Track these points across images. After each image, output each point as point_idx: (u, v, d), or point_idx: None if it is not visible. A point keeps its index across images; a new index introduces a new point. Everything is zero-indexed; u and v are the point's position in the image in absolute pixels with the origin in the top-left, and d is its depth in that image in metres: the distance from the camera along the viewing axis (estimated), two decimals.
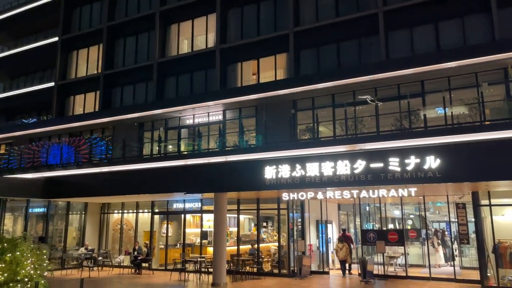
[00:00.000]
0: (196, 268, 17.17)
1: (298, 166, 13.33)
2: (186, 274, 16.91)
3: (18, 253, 9.79)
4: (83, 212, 21.71)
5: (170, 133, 22.23)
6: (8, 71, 32.63)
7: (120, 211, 21.83)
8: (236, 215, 18.93)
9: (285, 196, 15.18)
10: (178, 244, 21.06)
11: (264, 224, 21.39)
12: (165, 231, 20.57)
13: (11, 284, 9.35)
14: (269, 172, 13.88)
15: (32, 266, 10.12)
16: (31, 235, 16.96)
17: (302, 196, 14.59)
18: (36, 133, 25.88)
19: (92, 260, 19.16)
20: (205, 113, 20.71)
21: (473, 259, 17.78)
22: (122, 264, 19.68)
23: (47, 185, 19.53)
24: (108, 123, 23.14)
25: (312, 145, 14.03)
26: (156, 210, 20.69)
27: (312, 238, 18.16)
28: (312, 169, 13.10)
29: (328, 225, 19.80)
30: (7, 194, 18.34)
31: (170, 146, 22.24)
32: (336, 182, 12.72)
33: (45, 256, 10.75)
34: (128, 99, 25.37)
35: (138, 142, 22.59)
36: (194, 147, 21.47)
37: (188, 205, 19.92)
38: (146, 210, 21.14)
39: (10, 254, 9.56)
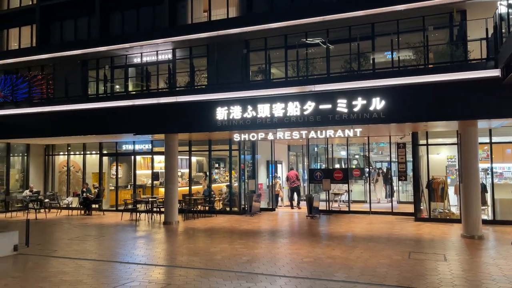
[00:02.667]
0: (147, 208, 17.30)
1: (249, 108, 13.36)
2: (138, 214, 17.04)
3: None
4: (26, 154, 20.76)
5: (116, 72, 21.21)
6: None
7: (66, 153, 21.10)
8: (187, 157, 18.96)
9: (236, 137, 15.32)
10: (129, 186, 20.97)
11: (216, 165, 21.67)
12: (115, 173, 20.30)
13: None
14: (221, 113, 13.83)
15: None
16: None
17: (253, 137, 14.79)
18: None
19: (38, 202, 18.69)
20: (154, 52, 19.83)
21: (409, 195, 19.37)
22: (70, 205, 19.39)
23: None
24: (47, 59, 21.56)
25: (264, 86, 14.00)
26: (105, 152, 20.22)
27: (262, 177, 18.75)
28: (264, 110, 13.20)
29: (278, 165, 20.45)
30: None
31: (117, 86, 21.34)
32: (287, 123, 12.96)
33: None
34: (69, 35, 23.58)
35: (82, 81, 21.44)
36: (143, 87, 20.77)
37: (138, 147, 19.62)
38: (94, 152, 20.59)
39: None
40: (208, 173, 18.72)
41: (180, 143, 16.34)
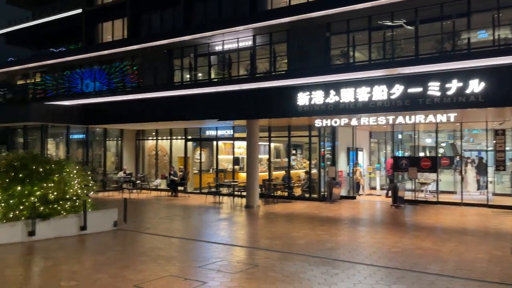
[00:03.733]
0: (229, 191, 17.87)
1: (332, 92, 13.03)
2: (220, 197, 17.68)
3: (65, 173, 10.37)
4: (119, 139, 22.52)
5: (199, 60, 22.02)
6: None
7: (155, 138, 22.49)
8: (267, 143, 19.15)
9: (317, 122, 15.10)
10: (211, 170, 21.81)
11: (294, 151, 21.64)
12: (198, 157, 21.23)
13: (61, 202, 10.04)
14: (302, 99, 13.68)
15: (79, 186, 10.77)
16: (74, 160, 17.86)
17: (335, 122, 14.46)
18: (68, 62, 26.19)
19: (131, 183, 20.24)
20: (235, 39, 20.20)
21: (506, 187, 17.67)
22: (159, 187, 20.70)
23: (85, 112, 20.14)
24: (137, 50, 23.03)
25: (347, 70, 13.58)
26: (189, 137, 21.18)
27: (342, 165, 18.34)
28: (347, 95, 12.79)
29: (359, 152, 19.85)
30: (48, 120, 19.06)
31: (200, 74, 22.16)
32: (372, 108, 12.44)
33: (90, 178, 11.40)
34: (156, 26, 24.93)
35: (168, 69, 22.60)
36: (224, 74, 21.33)
37: (220, 132, 20.24)
38: (179, 137, 21.67)
39: (58, 175, 10.14)
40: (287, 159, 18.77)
41: (260, 129, 16.54)
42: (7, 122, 20.23)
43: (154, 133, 22.51)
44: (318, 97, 13.33)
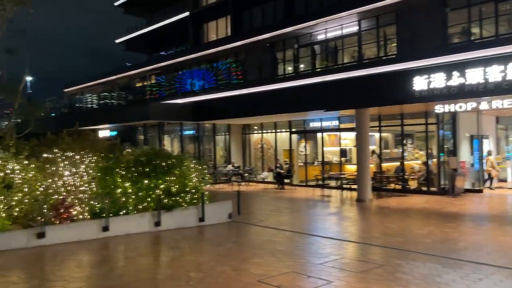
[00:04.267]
0: (337, 184, 17.31)
1: (455, 74, 11.65)
2: (328, 190, 17.22)
3: (184, 167, 10.91)
4: (227, 133, 23.34)
5: (302, 51, 21.72)
6: (148, 5, 35.01)
7: (260, 131, 22.84)
8: (376, 133, 18.10)
9: (438, 108, 13.72)
10: (315, 162, 21.43)
11: (404, 141, 20.18)
12: (303, 150, 21.01)
13: (182, 194, 10.58)
14: (419, 83, 12.50)
15: (196, 179, 11.26)
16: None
17: (460, 107, 12.98)
18: (178, 63, 27.96)
19: (240, 176, 20.85)
20: (338, 26, 19.44)
21: None
22: (266, 180, 20.98)
23: (195, 110, 21.25)
24: (240, 47, 23.59)
25: (474, 47, 12.02)
26: (294, 130, 21.04)
27: (464, 154, 16.50)
28: (474, 75, 11.33)
29: (484, 140, 17.67)
30: (164, 118, 20.55)
31: (302, 65, 21.85)
32: (506, 88, 10.83)
33: (206, 171, 11.86)
34: (257, 21, 25.26)
35: (271, 63, 22.72)
36: (328, 64, 20.71)
37: (325, 124, 19.71)
38: (283, 130, 21.68)
39: (178, 169, 10.70)
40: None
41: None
42: (130, 121, 22.30)
43: (259, 127, 22.86)
44: (438, 80, 12.05)
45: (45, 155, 9.41)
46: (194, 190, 10.91)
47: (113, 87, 32.91)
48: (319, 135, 20.68)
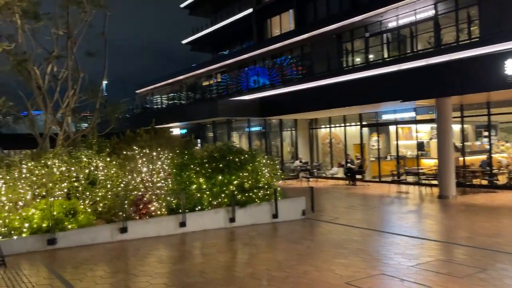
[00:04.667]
0: (415, 180, 16.20)
1: None
2: (404, 186, 16.19)
3: (257, 163, 10.73)
4: (294, 128, 22.95)
5: (371, 40, 20.70)
6: (212, 5, 35.60)
7: (328, 126, 22.17)
8: (457, 124, 16.69)
9: None
10: (388, 157, 20.34)
11: (485, 133, 18.44)
12: (375, 144, 20.03)
13: (255, 190, 10.41)
14: None
15: (269, 175, 11.03)
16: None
17: None
18: (243, 60, 28.07)
19: (307, 172, 20.38)
20: (411, 11, 18.20)
21: None
22: (335, 175, 20.30)
23: (262, 105, 21.13)
24: (306, 40, 23.06)
25: None
26: (364, 123, 20.12)
27: None
28: None
29: None
30: (232, 115, 20.66)
31: (371, 56, 20.83)
32: None
33: (277, 167, 11.59)
34: (322, 13, 24.56)
35: (338, 54, 21.94)
36: (401, 52, 19.53)
37: (399, 116, 18.59)
38: (353, 123, 20.83)
39: (251, 164, 10.54)
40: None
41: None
42: (199, 119, 22.74)
43: (327, 121, 22.19)
44: None
45: (124, 152, 9.71)
46: (266, 186, 10.70)
47: (181, 86, 33.93)
48: (391, 128, 19.58)
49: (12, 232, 7.61)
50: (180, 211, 9.31)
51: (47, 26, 10.00)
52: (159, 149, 9.93)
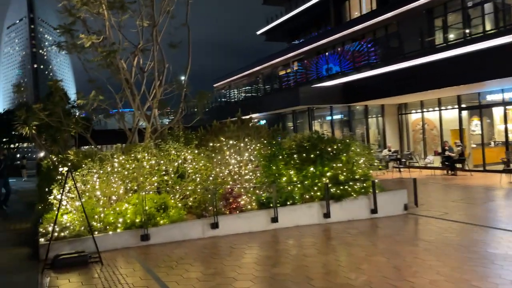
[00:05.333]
0: None
1: None
2: None
3: (351, 153, 9.72)
4: (380, 115, 21.31)
5: (469, 13, 18.39)
6: None
7: (419, 110, 20.21)
8: None
9: None
10: (492, 143, 18.01)
11: None
12: (476, 129, 17.82)
13: (350, 183, 9.43)
14: None
15: (365, 166, 9.96)
16: None
17: None
18: (320, 46, 26.85)
19: (397, 161, 18.73)
20: None
21: None
22: (430, 165, 18.41)
23: (345, 91, 19.86)
24: (390, 19, 21.23)
25: None
26: (464, 105, 17.94)
27: None
28: None
29: None
30: (313, 103, 19.67)
31: (467, 30, 18.49)
32: None
33: (374, 156, 10.48)
34: None
35: (429, 31, 19.87)
36: (506, 23, 17.04)
37: (508, 95, 16.22)
38: (449, 107, 18.71)
39: (345, 154, 9.57)
40: None
41: None
42: (278, 108, 22.07)
43: (418, 105, 20.24)
44: None
45: (211, 144, 9.29)
46: (363, 178, 9.66)
47: (257, 78, 33.59)
48: (496, 110, 17.27)
49: (107, 227, 7.50)
50: (271, 205, 8.67)
51: (131, 17, 9.87)
52: (246, 139, 9.36)
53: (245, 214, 8.54)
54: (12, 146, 61.47)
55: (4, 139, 57.84)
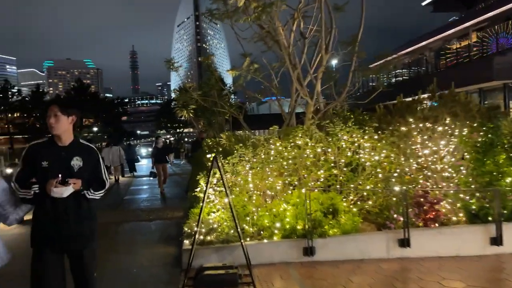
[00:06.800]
0: None
1: None
2: None
3: None
4: None
5: None
6: None
7: None
8: None
9: None
10: None
11: None
12: None
13: None
14: None
15: None
16: None
17: None
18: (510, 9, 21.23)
19: None
20: None
21: None
22: None
23: None
24: None
25: None
26: None
27: None
28: None
29: None
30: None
31: None
32: None
33: None
34: None
35: None
36: None
37: None
38: None
39: None
40: None
41: None
42: (458, 86, 17.89)
43: None
44: None
45: (395, 127, 6.83)
46: None
47: (422, 54, 29.13)
48: None
49: (261, 232, 5.84)
50: (490, 218, 5.84)
51: None
52: (447, 121, 6.62)
53: (449, 230, 5.91)
54: (178, 130, 68.91)
55: (174, 125, 65.50)
